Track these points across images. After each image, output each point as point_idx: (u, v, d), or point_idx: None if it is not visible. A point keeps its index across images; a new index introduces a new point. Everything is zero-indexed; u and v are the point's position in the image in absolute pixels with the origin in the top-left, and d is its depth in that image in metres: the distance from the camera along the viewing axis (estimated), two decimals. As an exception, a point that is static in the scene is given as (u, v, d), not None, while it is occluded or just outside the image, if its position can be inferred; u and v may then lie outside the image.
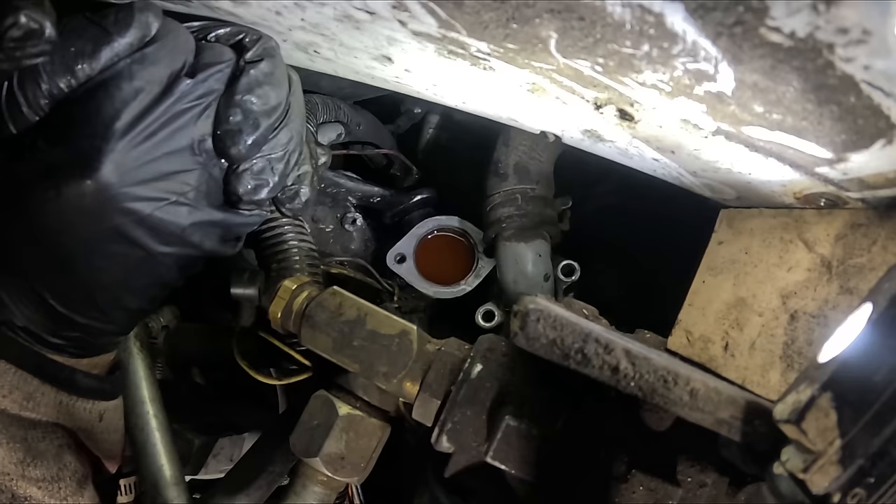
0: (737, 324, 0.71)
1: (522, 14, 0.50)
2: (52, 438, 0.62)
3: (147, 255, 0.60)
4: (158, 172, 0.58)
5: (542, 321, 0.52)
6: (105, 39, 0.56)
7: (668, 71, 0.50)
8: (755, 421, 0.48)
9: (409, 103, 1.18)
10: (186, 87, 0.58)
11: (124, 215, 0.57)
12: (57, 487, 0.62)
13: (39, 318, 0.60)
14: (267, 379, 0.90)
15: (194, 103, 0.59)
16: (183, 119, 0.59)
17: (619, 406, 0.57)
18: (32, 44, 0.53)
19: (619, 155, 0.76)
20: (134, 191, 0.57)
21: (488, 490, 0.68)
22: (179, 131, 0.58)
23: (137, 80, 0.57)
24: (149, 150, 0.57)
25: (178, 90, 0.58)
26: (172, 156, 0.59)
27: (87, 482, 0.65)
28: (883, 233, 0.58)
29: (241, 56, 0.63)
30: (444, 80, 0.70)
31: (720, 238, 0.78)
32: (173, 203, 0.59)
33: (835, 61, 0.42)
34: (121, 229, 0.58)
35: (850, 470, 0.38)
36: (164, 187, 0.58)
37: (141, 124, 0.56)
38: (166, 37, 0.59)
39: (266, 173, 0.65)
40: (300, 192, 0.73)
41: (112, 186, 0.56)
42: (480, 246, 1.02)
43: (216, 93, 0.61)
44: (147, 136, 0.57)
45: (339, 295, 0.71)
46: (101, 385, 0.65)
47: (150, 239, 0.60)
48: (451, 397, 0.63)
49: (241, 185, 0.64)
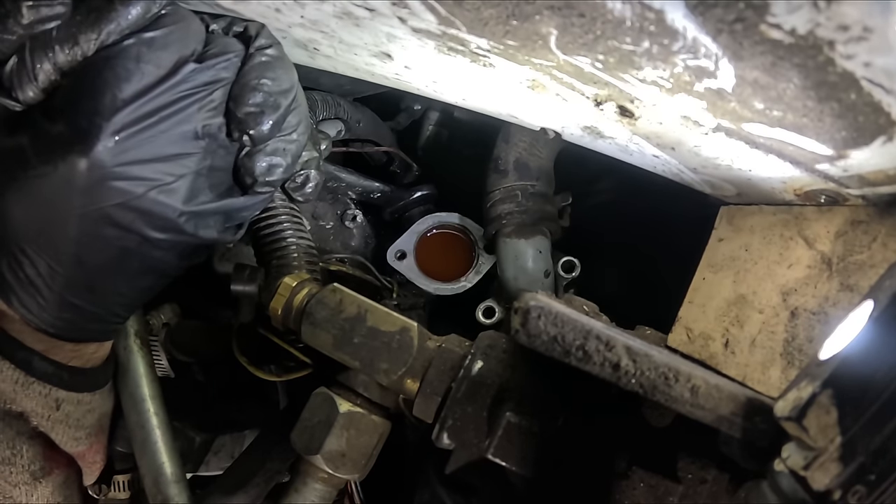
0: (737, 321, 0.71)
1: (522, 11, 0.50)
2: (10, 423, 0.63)
3: (141, 238, 0.60)
4: (156, 154, 0.58)
5: (542, 318, 0.52)
6: (109, 10, 0.56)
7: (669, 67, 0.50)
8: (756, 418, 0.48)
9: (409, 100, 1.18)
10: (191, 71, 0.58)
11: (118, 194, 0.57)
12: (8, 471, 0.63)
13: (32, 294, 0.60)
14: (267, 375, 0.90)
15: (200, 89, 0.59)
16: (186, 103, 0.59)
17: (620, 403, 0.58)
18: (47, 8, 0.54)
19: (619, 151, 0.76)
20: (129, 170, 0.57)
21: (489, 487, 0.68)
22: (182, 114, 0.59)
23: (143, 62, 0.57)
24: (148, 131, 0.57)
25: (182, 74, 0.58)
26: (173, 139, 0.59)
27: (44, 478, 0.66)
28: (883, 230, 0.58)
29: (248, 46, 0.63)
30: (444, 77, 0.70)
31: (720, 235, 0.78)
32: (169, 185, 0.59)
33: (835, 58, 0.42)
34: (113, 207, 0.58)
35: (850, 467, 0.38)
36: (161, 169, 0.58)
37: (140, 103, 0.56)
38: (177, 23, 0.59)
39: (280, 154, 0.66)
40: (310, 176, 0.75)
41: (106, 164, 0.56)
42: (481, 242, 1.02)
43: (224, 81, 0.61)
44: (146, 115, 0.57)
45: (340, 292, 0.71)
46: (57, 371, 0.65)
47: (143, 222, 0.59)
48: (451, 394, 0.63)
49: (256, 167, 0.65)
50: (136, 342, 0.78)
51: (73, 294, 0.61)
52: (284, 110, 0.64)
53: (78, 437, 0.68)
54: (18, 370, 0.62)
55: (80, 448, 0.70)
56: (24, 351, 0.63)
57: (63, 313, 0.62)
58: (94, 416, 0.70)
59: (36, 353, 0.63)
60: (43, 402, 0.64)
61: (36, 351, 0.63)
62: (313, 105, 0.94)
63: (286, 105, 0.64)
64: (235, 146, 0.64)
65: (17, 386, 0.63)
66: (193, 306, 1.00)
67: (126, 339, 0.77)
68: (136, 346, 0.78)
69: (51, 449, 0.67)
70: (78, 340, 0.66)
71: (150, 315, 0.93)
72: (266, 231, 0.81)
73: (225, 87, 0.61)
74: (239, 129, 0.62)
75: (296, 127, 0.67)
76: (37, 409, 0.64)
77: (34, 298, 0.61)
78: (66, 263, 0.59)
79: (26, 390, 0.63)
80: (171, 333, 0.97)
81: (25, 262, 0.60)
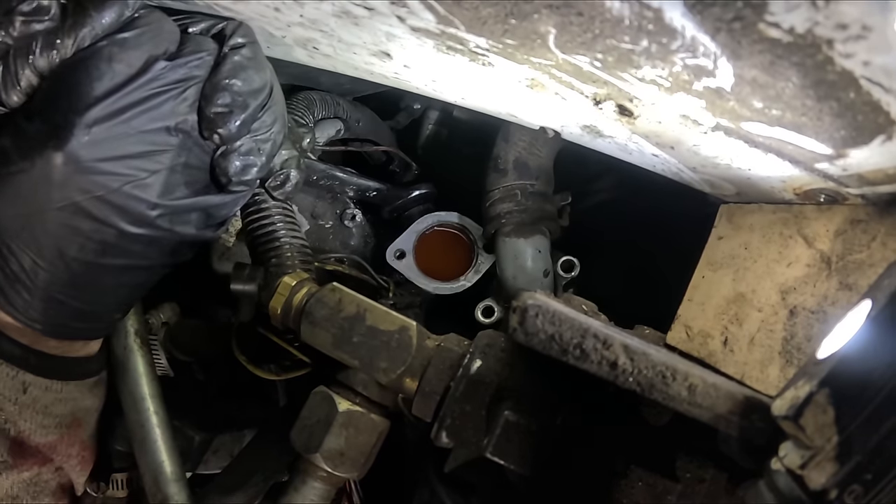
0: (736, 319, 0.71)
1: (521, 10, 0.50)
2: None
3: (118, 232, 0.62)
4: (130, 150, 0.60)
5: (540, 317, 0.52)
6: (85, 16, 0.59)
7: (667, 66, 0.50)
8: (753, 416, 0.48)
9: (408, 99, 1.18)
10: (162, 69, 0.60)
11: (93, 187, 0.59)
12: None
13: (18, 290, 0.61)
14: (266, 374, 0.90)
15: (172, 87, 0.61)
16: (158, 100, 0.60)
17: (618, 401, 0.58)
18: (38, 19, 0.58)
19: (618, 150, 0.76)
20: (103, 165, 0.59)
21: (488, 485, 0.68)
22: (154, 112, 0.60)
23: (116, 61, 0.59)
24: (121, 127, 0.59)
25: (153, 71, 0.60)
26: (146, 135, 0.60)
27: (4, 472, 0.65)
28: (882, 229, 0.58)
29: (222, 45, 0.65)
30: (443, 76, 0.70)
31: (720, 233, 0.78)
32: (142, 181, 0.61)
33: (834, 57, 0.42)
34: (89, 201, 0.59)
35: (847, 466, 0.38)
36: (134, 164, 0.60)
37: (112, 100, 0.58)
38: (149, 25, 0.61)
39: (254, 154, 0.67)
40: (290, 175, 0.77)
41: (81, 158, 0.58)
42: (480, 242, 1.02)
43: (196, 79, 0.62)
44: (119, 111, 0.59)
45: (339, 291, 0.71)
46: (24, 354, 0.65)
47: (118, 216, 0.61)
48: (450, 393, 0.63)
49: (230, 166, 0.66)
50: (136, 341, 0.78)
51: (57, 290, 0.62)
52: (254, 110, 0.66)
53: (47, 424, 0.68)
54: None
55: (50, 438, 0.69)
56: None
57: (48, 309, 0.63)
58: (66, 407, 0.70)
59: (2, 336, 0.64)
60: (10, 385, 0.64)
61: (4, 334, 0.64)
62: (311, 104, 0.94)
63: (256, 105, 0.66)
64: (210, 145, 0.65)
65: None
66: (193, 305, 1.01)
67: (126, 338, 0.78)
68: (135, 345, 0.78)
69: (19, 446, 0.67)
70: (63, 338, 0.66)
71: (150, 314, 0.94)
72: (259, 231, 0.81)
73: (197, 84, 0.63)
74: (209, 129, 0.64)
75: (270, 126, 0.68)
76: (3, 391, 0.64)
77: (19, 294, 0.62)
78: (49, 258, 0.61)
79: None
80: (171, 332, 0.97)
81: (11, 259, 0.61)
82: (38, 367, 0.66)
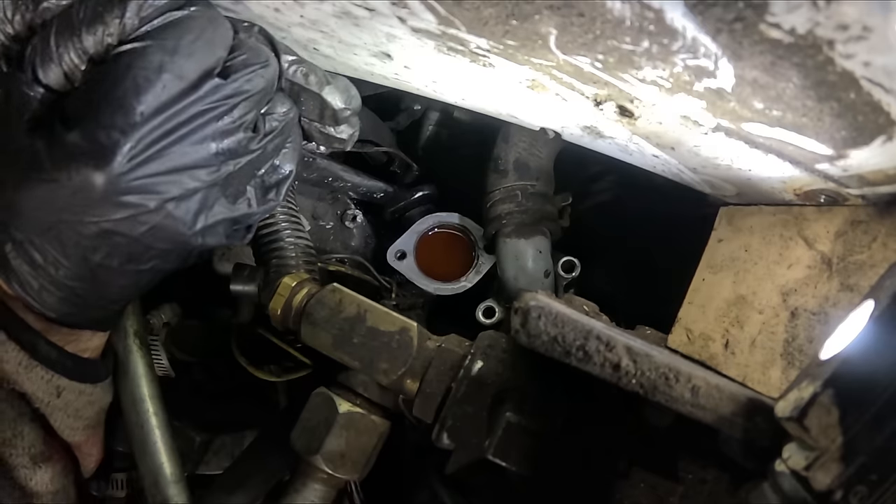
0: (737, 321, 0.71)
1: (522, 10, 0.50)
2: (13, 404, 0.63)
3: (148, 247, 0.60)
4: (171, 167, 0.57)
5: (543, 318, 0.52)
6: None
7: (668, 67, 0.50)
8: (756, 418, 0.48)
9: (408, 100, 1.17)
10: (214, 86, 0.58)
11: (130, 207, 0.57)
12: (8, 453, 0.62)
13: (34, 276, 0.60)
14: (266, 375, 0.90)
15: (220, 103, 0.58)
16: (206, 117, 0.58)
17: (620, 403, 0.57)
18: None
19: (619, 151, 0.76)
20: (143, 184, 0.56)
21: (489, 487, 0.68)
22: (200, 129, 0.58)
23: (166, 72, 0.55)
24: (165, 145, 0.56)
25: (205, 88, 0.57)
26: (188, 152, 0.58)
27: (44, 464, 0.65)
28: (883, 229, 0.58)
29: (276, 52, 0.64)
30: (444, 77, 0.70)
31: (720, 235, 0.78)
32: (180, 199, 0.59)
33: (835, 58, 0.42)
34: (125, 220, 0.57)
35: (852, 467, 0.38)
36: (175, 181, 0.58)
37: (161, 119, 0.55)
38: (203, 29, 0.58)
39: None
40: None
41: (122, 180, 0.55)
42: (481, 242, 1.02)
43: (246, 94, 0.60)
44: (166, 131, 0.56)
45: (339, 292, 0.71)
46: (61, 358, 0.64)
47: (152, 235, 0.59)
48: (451, 394, 0.63)
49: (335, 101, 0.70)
50: (136, 342, 0.78)
51: (76, 285, 0.62)
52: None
53: (76, 427, 0.68)
54: (23, 352, 0.62)
55: (77, 438, 0.69)
56: (30, 333, 0.63)
57: (63, 297, 0.62)
58: (94, 409, 0.70)
59: (41, 337, 0.63)
60: (44, 388, 0.64)
61: (41, 334, 0.63)
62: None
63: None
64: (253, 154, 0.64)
65: (21, 368, 0.62)
66: (193, 306, 1.00)
67: (126, 338, 0.77)
68: (135, 345, 0.77)
69: (49, 435, 0.67)
70: (75, 326, 0.66)
71: (151, 315, 0.94)
72: (264, 231, 0.81)
73: (246, 100, 0.60)
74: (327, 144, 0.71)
75: None
76: (38, 393, 0.64)
77: (36, 280, 0.61)
78: (73, 259, 0.60)
79: (29, 373, 0.63)
80: (172, 333, 0.97)
81: (31, 249, 0.59)
82: (73, 372, 0.66)
